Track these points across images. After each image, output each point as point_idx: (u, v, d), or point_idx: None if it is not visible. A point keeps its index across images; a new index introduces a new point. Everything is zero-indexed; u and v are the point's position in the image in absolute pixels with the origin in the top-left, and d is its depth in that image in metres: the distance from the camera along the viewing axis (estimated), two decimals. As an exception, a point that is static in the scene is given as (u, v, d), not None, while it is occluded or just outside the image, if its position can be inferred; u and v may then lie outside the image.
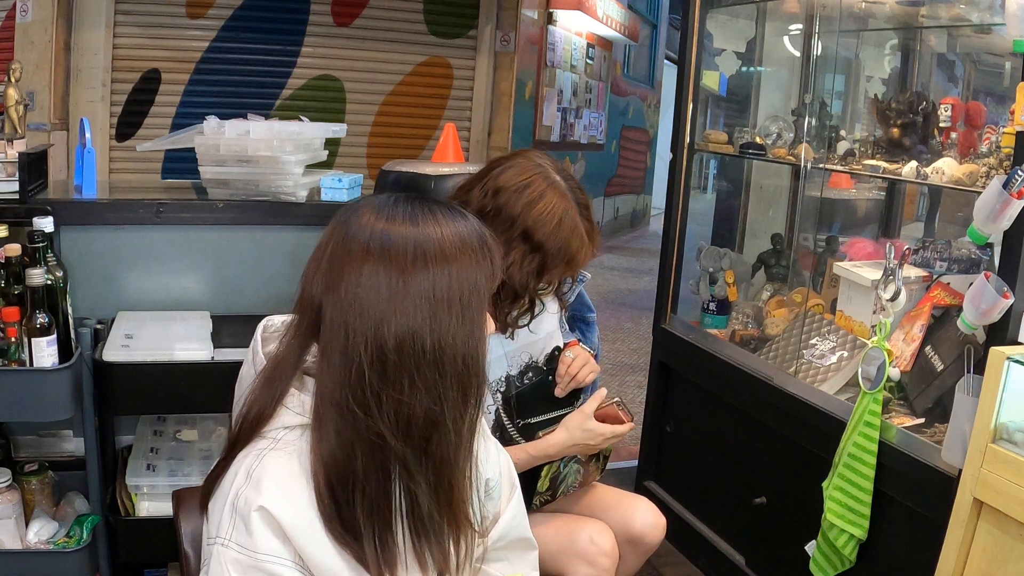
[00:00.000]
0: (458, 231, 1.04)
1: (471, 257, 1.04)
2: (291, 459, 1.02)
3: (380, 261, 1.01)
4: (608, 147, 9.36)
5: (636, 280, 7.52)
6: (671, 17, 10.67)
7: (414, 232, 1.03)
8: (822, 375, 2.22)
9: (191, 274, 2.24)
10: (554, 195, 1.64)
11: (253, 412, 1.06)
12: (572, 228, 1.64)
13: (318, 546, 1.00)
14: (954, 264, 2.22)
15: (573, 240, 1.65)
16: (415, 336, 1.00)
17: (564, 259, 1.66)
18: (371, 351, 0.99)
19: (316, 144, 2.34)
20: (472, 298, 1.03)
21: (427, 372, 1.00)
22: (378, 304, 1.00)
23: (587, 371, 1.77)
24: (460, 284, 1.02)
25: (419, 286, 1.00)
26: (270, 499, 0.99)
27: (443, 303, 1.01)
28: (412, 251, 1.01)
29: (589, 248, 1.68)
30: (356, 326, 1.00)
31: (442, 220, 1.05)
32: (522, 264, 1.63)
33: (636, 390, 4.39)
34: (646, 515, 1.80)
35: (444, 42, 5.78)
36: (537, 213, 1.62)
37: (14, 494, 1.84)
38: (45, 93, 4.52)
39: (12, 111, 2.05)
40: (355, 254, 1.03)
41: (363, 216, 1.06)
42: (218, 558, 0.99)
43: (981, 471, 1.61)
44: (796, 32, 2.91)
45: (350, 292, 1.01)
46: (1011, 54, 1.88)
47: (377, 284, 1.00)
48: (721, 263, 2.83)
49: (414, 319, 1.00)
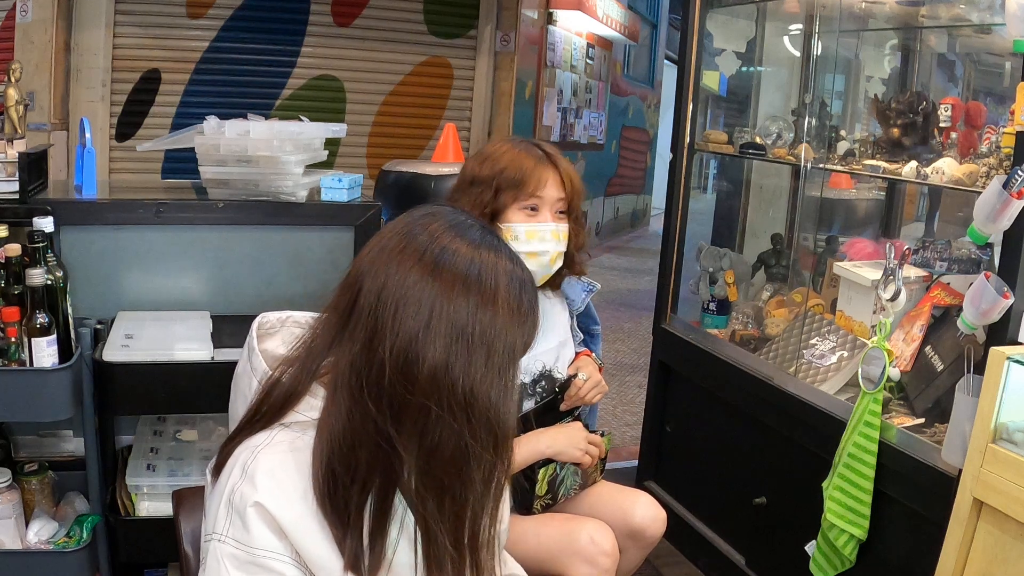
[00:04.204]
0: (511, 280, 0.99)
1: (514, 315, 0.98)
2: (287, 456, 1.01)
3: (430, 275, 0.97)
4: (608, 147, 9.36)
5: (636, 280, 7.52)
6: (671, 17, 10.68)
7: (468, 258, 0.98)
8: (822, 375, 2.22)
9: (191, 274, 2.24)
10: (497, 141, 1.77)
11: (283, 388, 1.04)
12: (511, 154, 1.73)
13: (313, 541, 1.00)
14: (954, 264, 2.22)
15: (522, 163, 1.71)
16: (448, 371, 0.95)
17: (514, 179, 1.71)
18: (398, 359, 0.95)
19: (316, 144, 2.33)
20: (507, 355, 0.98)
21: (456, 411, 0.96)
22: (416, 319, 0.95)
23: (595, 393, 1.81)
24: (500, 335, 0.97)
25: (458, 318, 0.96)
26: (266, 495, 0.98)
27: (480, 348, 0.96)
28: (463, 279, 0.97)
29: (549, 170, 1.73)
30: (389, 326, 0.96)
31: (505, 265, 1.00)
32: (478, 206, 1.70)
33: (636, 390, 4.39)
34: (646, 508, 1.80)
35: (444, 42, 5.78)
36: (477, 155, 1.76)
37: (14, 494, 1.84)
38: (45, 93, 4.53)
39: (12, 111, 2.05)
40: (408, 256, 0.99)
41: (433, 222, 1.02)
42: (215, 554, 0.99)
43: (981, 471, 1.61)
44: (796, 32, 2.91)
45: (391, 291, 0.97)
46: (1011, 54, 1.88)
47: (420, 297, 0.96)
48: (721, 263, 2.83)
49: (447, 353, 0.95)
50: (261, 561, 0.99)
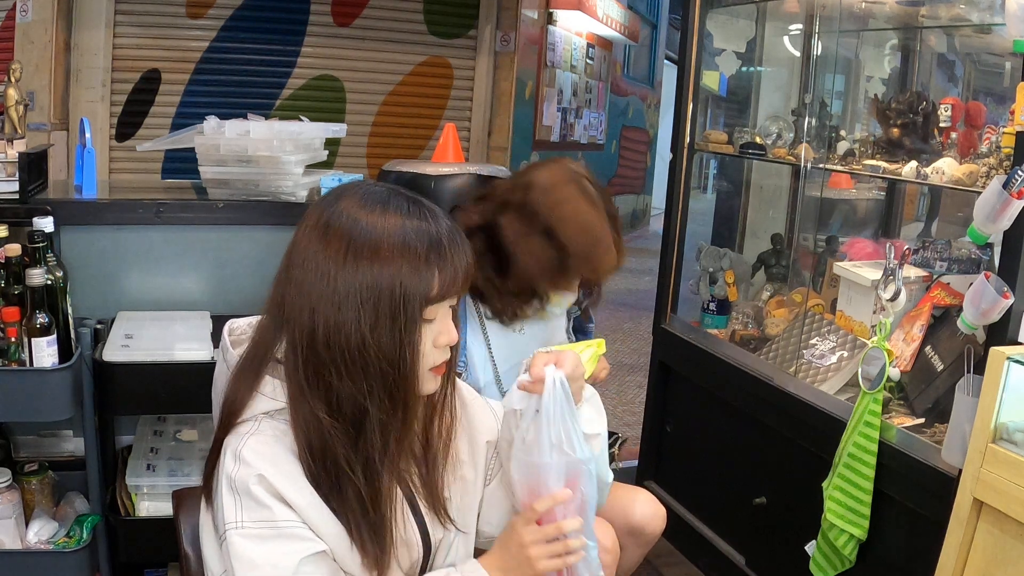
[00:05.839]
0: (405, 232, 1.00)
1: (409, 263, 0.99)
2: (274, 439, 1.02)
3: (321, 243, 1.00)
4: (608, 147, 9.36)
5: (636, 280, 7.52)
6: (671, 17, 10.66)
7: (358, 222, 1.00)
8: (822, 375, 2.22)
9: (191, 274, 2.24)
10: (583, 202, 1.66)
11: (231, 399, 1.06)
12: (598, 236, 1.66)
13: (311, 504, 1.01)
14: (954, 264, 2.22)
15: (598, 248, 1.66)
16: (340, 330, 0.98)
17: (588, 265, 1.67)
18: (305, 337, 0.99)
19: (316, 144, 2.34)
20: (402, 304, 0.99)
21: (352, 368, 0.99)
22: (314, 289, 0.99)
23: (601, 367, 1.81)
24: (389, 287, 0.98)
25: (347, 279, 0.98)
26: (264, 468, 1.00)
27: (369, 303, 0.98)
28: (347, 242, 0.99)
29: (615, 258, 1.70)
30: (295, 309, 1.00)
31: (394, 217, 1.01)
32: (537, 255, 1.64)
33: (636, 390, 4.39)
34: (645, 506, 1.80)
35: (444, 42, 5.78)
36: (563, 214, 1.64)
37: (14, 494, 1.84)
38: (45, 93, 4.52)
39: (12, 111, 2.05)
40: (308, 230, 1.02)
41: (339, 193, 1.05)
42: (236, 544, 0.99)
43: (981, 471, 1.61)
44: (796, 32, 2.91)
45: (297, 271, 1.01)
46: (1011, 54, 1.88)
47: (317, 268, 0.99)
48: (721, 263, 2.83)
49: (340, 313, 0.98)
50: (285, 531, 0.99)
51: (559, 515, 1.09)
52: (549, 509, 1.09)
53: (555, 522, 1.09)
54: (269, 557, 0.98)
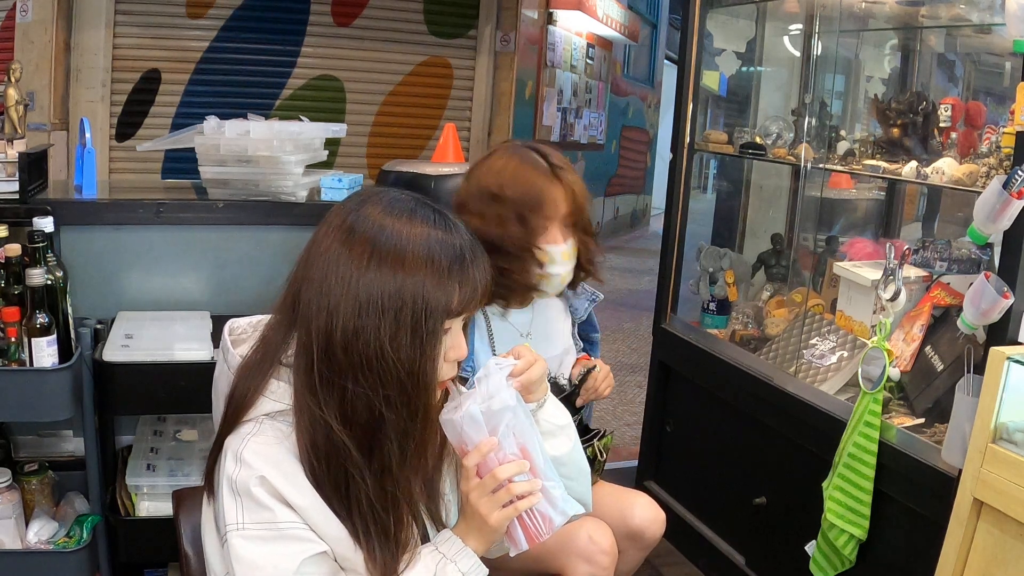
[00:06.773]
0: (430, 243, 1.00)
1: (432, 274, 0.99)
2: (275, 441, 1.02)
3: (344, 247, 0.99)
4: (608, 147, 9.36)
5: (636, 280, 7.52)
6: (671, 17, 10.67)
7: (384, 229, 0.99)
8: (822, 375, 2.22)
9: (191, 274, 2.24)
10: (504, 152, 1.71)
11: (239, 397, 1.06)
12: (524, 173, 1.67)
13: (312, 505, 1.01)
14: (954, 264, 2.22)
15: (534, 183, 1.66)
16: (359, 336, 0.97)
17: (534, 204, 1.66)
18: (321, 339, 0.98)
19: (316, 144, 2.34)
20: (424, 316, 0.98)
21: (368, 375, 0.98)
22: (334, 292, 0.98)
23: (606, 385, 1.81)
24: (412, 297, 0.98)
25: (369, 285, 0.98)
26: (265, 469, 0.99)
27: (390, 312, 0.97)
28: (371, 247, 0.98)
29: (557, 188, 1.68)
30: (312, 309, 0.99)
31: (420, 226, 1.00)
32: (504, 226, 1.65)
33: (636, 390, 4.40)
34: (645, 510, 1.80)
35: (444, 42, 5.78)
36: (488, 169, 1.70)
37: (14, 494, 1.84)
38: (45, 93, 4.53)
39: (12, 111, 2.05)
40: (331, 231, 1.01)
41: (364, 197, 1.04)
42: (237, 545, 0.99)
43: (981, 471, 1.61)
44: (796, 32, 2.91)
45: (317, 272, 1.00)
46: (1011, 54, 1.88)
47: (338, 271, 0.99)
48: (721, 263, 2.83)
49: (359, 319, 0.97)
50: (287, 533, 0.99)
51: (493, 464, 1.05)
52: (483, 462, 1.04)
53: (490, 471, 1.05)
54: (270, 558, 0.98)
